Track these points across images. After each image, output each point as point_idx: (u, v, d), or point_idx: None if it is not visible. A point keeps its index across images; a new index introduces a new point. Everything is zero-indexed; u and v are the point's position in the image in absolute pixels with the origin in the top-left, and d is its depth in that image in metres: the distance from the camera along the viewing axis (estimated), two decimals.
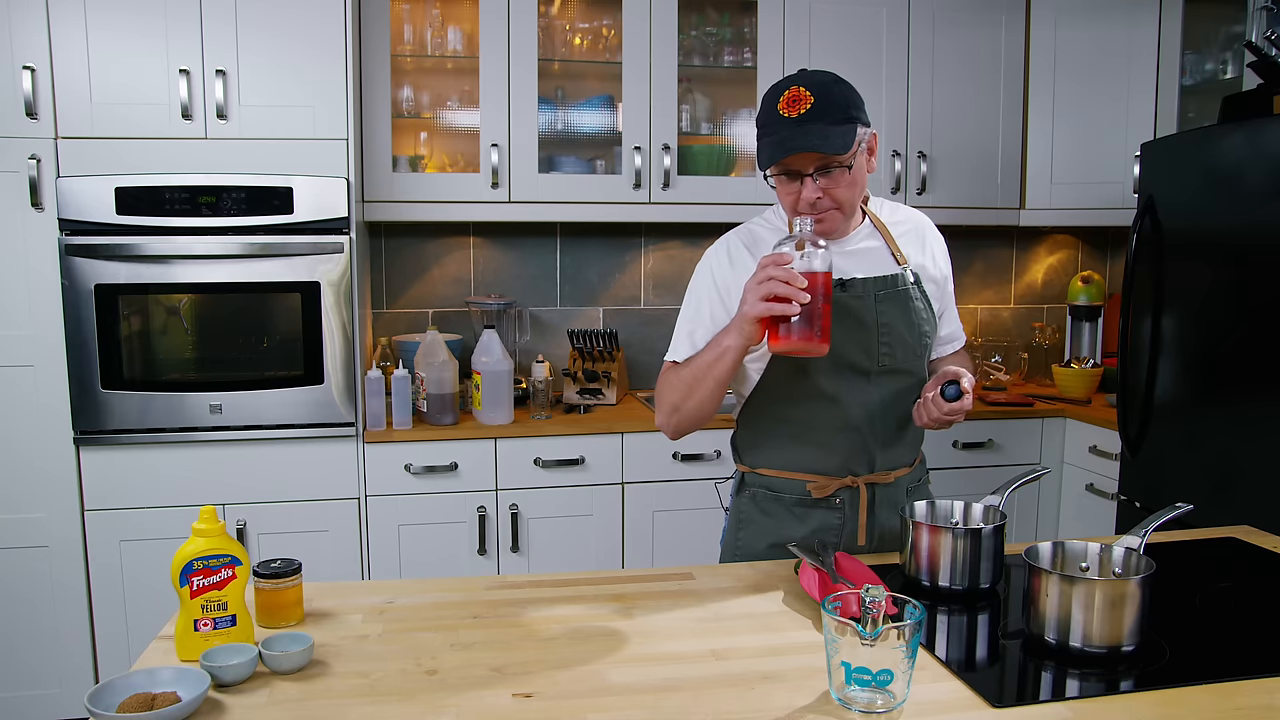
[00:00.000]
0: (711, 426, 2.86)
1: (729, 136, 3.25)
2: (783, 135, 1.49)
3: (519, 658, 1.20)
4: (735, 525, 1.74)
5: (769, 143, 1.51)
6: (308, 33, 2.60)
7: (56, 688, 2.65)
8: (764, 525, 1.69)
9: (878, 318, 1.60)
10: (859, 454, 1.64)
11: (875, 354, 1.61)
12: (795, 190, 1.53)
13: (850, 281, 1.59)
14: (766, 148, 1.51)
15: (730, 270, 1.62)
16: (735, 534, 1.73)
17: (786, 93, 1.50)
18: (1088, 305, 3.51)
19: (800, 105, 1.49)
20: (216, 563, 1.20)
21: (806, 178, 1.51)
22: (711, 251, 1.67)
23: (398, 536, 2.74)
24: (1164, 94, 3.12)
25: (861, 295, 1.59)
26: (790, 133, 1.49)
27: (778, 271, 1.36)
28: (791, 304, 1.36)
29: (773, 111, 1.51)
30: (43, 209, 2.51)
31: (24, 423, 2.56)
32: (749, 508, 1.71)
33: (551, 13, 3.13)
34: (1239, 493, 2.38)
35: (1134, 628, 1.17)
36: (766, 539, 1.68)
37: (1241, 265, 2.39)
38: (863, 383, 1.61)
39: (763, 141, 1.53)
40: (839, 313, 1.55)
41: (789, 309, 1.36)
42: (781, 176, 1.54)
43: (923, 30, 3.18)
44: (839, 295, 1.56)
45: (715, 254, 1.66)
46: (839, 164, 1.51)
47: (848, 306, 1.58)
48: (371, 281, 3.21)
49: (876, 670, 1.02)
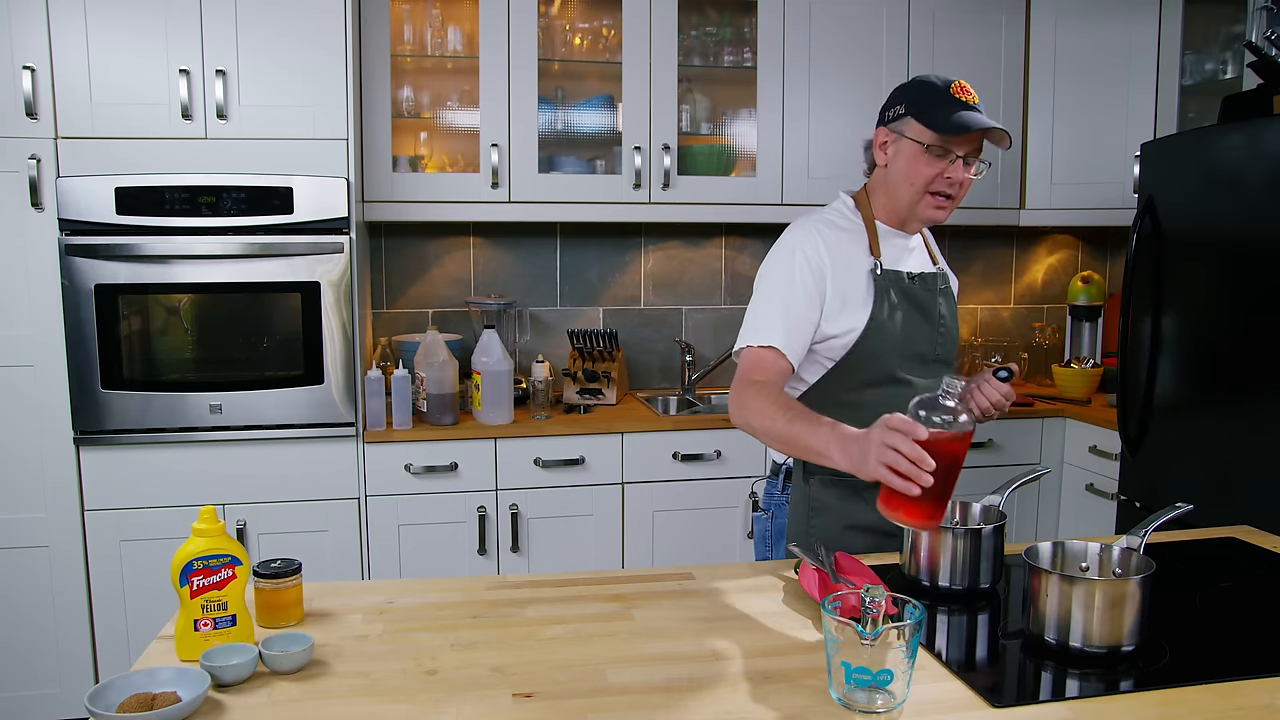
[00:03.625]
0: (711, 426, 2.90)
1: (729, 136, 3.25)
2: (970, 113, 1.57)
3: (519, 658, 1.20)
4: (807, 513, 1.71)
5: (955, 115, 1.56)
6: (308, 33, 2.60)
7: (56, 688, 2.64)
8: (840, 510, 1.70)
9: (938, 310, 1.73)
10: None
11: (934, 342, 1.73)
12: (939, 168, 1.60)
13: (920, 274, 1.71)
14: (949, 116, 1.56)
15: (824, 249, 1.64)
16: (808, 521, 1.71)
17: (955, 83, 1.59)
18: (1088, 305, 3.51)
19: (971, 96, 1.60)
20: (216, 563, 1.20)
21: (960, 159, 1.60)
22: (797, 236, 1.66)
23: (398, 536, 2.74)
24: (1164, 94, 3.12)
25: (930, 288, 1.72)
26: (977, 114, 1.57)
27: (906, 447, 1.21)
28: (915, 485, 1.21)
29: (942, 91, 1.59)
30: (43, 209, 2.51)
31: (24, 423, 2.56)
32: (822, 493, 1.70)
33: (551, 13, 3.13)
34: (1239, 493, 2.38)
35: (1134, 628, 1.17)
36: (842, 522, 1.70)
37: (1241, 265, 2.39)
38: (923, 369, 1.71)
39: (941, 112, 1.57)
40: (912, 303, 1.67)
41: (908, 488, 1.21)
42: (931, 151, 1.60)
43: (923, 30, 3.18)
44: (912, 286, 1.68)
45: (803, 235, 1.65)
46: (982, 159, 1.63)
47: (918, 298, 1.70)
48: (371, 281, 3.21)
49: (876, 670, 1.02)
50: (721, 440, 2.89)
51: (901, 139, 1.63)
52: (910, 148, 1.62)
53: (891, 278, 1.67)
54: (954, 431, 1.22)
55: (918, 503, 1.22)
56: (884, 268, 1.67)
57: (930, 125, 1.58)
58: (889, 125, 1.66)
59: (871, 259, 1.67)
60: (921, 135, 1.60)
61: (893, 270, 1.68)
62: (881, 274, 1.66)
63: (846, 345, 1.65)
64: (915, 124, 1.61)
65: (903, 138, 1.63)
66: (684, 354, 3.43)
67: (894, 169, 1.66)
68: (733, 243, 3.50)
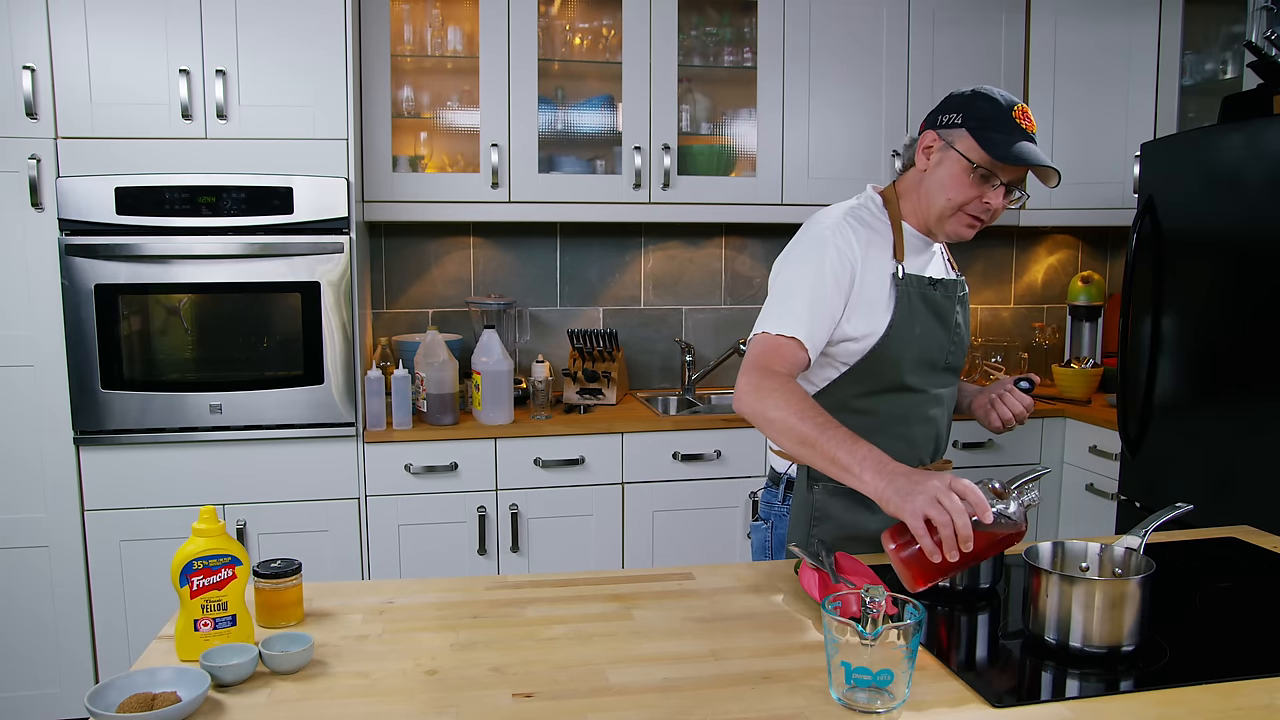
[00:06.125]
0: (711, 426, 2.90)
1: (729, 136, 3.25)
2: (1029, 145, 1.53)
3: (519, 658, 1.20)
4: (808, 521, 1.67)
5: (1014, 145, 1.52)
6: (308, 33, 2.60)
7: (56, 688, 2.64)
8: (841, 519, 1.65)
9: (955, 318, 1.70)
10: (929, 443, 1.70)
11: (947, 350, 1.69)
12: (981, 192, 1.57)
13: (941, 280, 1.67)
14: (1008, 145, 1.52)
15: (855, 245, 1.58)
16: (809, 530, 1.67)
17: (1018, 106, 1.55)
18: (1088, 305, 3.51)
19: (1032, 125, 1.56)
20: (216, 563, 1.20)
21: (1002, 186, 1.57)
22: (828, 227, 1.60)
23: (398, 536, 2.74)
24: (1164, 94, 3.12)
25: (950, 295, 1.68)
26: (1034, 148, 1.54)
27: (960, 517, 1.18)
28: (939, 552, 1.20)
29: (1005, 113, 1.54)
30: (43, 209, 2.51)
31: (24, 423, 2.56)
32: (826, 502, 1.66)
33: (551, 13, 3.13)
34: (1239, 493, 2.38)
35: (1134, 628, 1.17)
36: (845, 531, 1.64)
37: (1241, 265, 2.39)
38: (934, 376, 1.68)
39: (999, 135, 1.52)
40: (931, 309, 1.64)
41: (932, 552, 1.20)
42: (978, 173, 1.55)
43: (923, 30, 3.18)
44: (933, 293, 1.65)
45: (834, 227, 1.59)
46: (1024, 190, 1.61)
47: (938, 305, 1.66)
48: (371, 281, 3.21)
49: (876, 670, 1.02)
50: (721, 440, 2.89)
51: (949, 150, 1.57)
52: (957, 162, 1.56)
53: (914, 283, 1.62)
54: (1008, 531, 1.25)
55: (924, 565, 1.22)
56: (906, 272, 1.62)
57: (985, 147, 1.52)
58: (939, 131, 1.59)
59: (895, 262, 1.61)
60: (972, 153, 1.54)
61: (915, 275, 1.63)
62: (904, 278, 1.61)
63: (863, 350, 1.59)
64: (969, 140, 1.54)
65: (951, 148, 1.57)
66: (684, 354, 3.43)
67: (934, 177, 1.60)
68: (733, 243, 3.50)
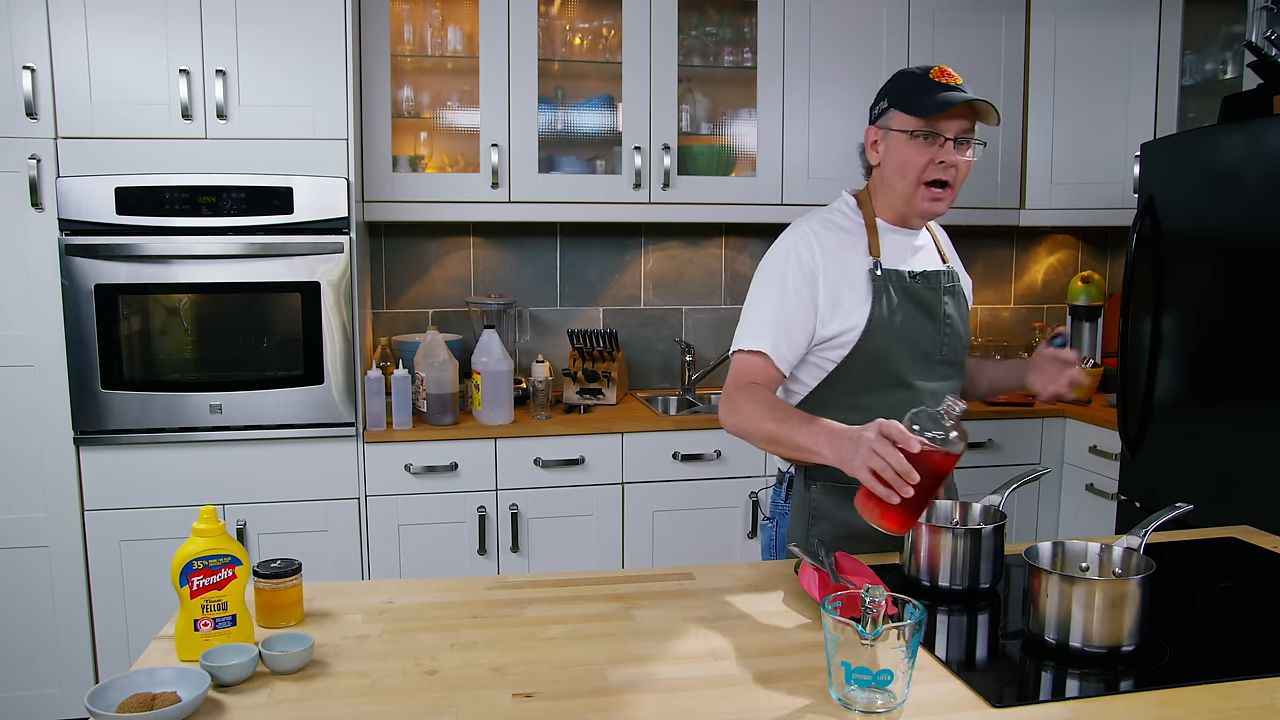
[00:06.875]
0: (711, 426, 2.89)
1: (729, 136, 3.25)
2: (950, 91, 1.56)
3: (519, 658, 1.20)
4: (807, 520, 1.69)
5: (934, 96, 1.56)
6: (308, 33, 2.60)
7: (56, 688, 2.64)
8: (837, 517, 1.66)
9: (943, 309, 1.69)
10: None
11: (939, 344, 1.69)
12: (929, 154, 1.59)
13: (923, 273, 1.68)
14: (930, 98, 1.56)
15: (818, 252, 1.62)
16: (808, 528, 1.68)
17: (935, 68, 1.59)
18: (1088, 305, 3.51)
19: (953, 78, 1.59)
20: (216, 563, 1.20)
21: (949, 141, 1.58)
22: (792, 239, 1.65)
23: (398, 536, 2.74)
24: (1164, 94, 3.12)
25: (934, 287, 1.69)
26: (958, 93, 1.56)
27: (892, 457, 1.25)
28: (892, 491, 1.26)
29: (921, 78, 1.59)
30: (43, 209, 2.51)
31: (24, 423, 2.56)
32: (823, 500, 1.68)
33: (551, 13, 3.13)
34: (1239, 493, 2.38)
35: (1134, 628, 1.17)
36: (843, 530, 1.65)
37: (1241, 265, 2.39)
38: (928, 371, 1.68)
39: (921, 96, 1.57)
40: (914, 302, 1.64)
41: (888, 495, 1.26)
42: (920, 138, 1.58)
43: (923, 30, 3.18)
44: (914, 285, 1.65)
45: (797, 237, 1.65)
46: (975, 140, 1.61)
47: (920, 297, 1.66)
48: (371, 281, 3.21)
49: (876, 670, 1.02)
50: (721, 440, 2.89)
51: (889, 132, 1.63)
52: (898, 139, 1.61)
53: (892, 276, 1.65)
54: (944, 450, 1.27)
55: (893, 509, 1.28)
56: (884, 267, 1.65)
57: (912, 111, 1.58)
58: (876, 123, 1.66)
59: (870, 258, 1.65)
60: (906, 124, 1.59)
61: (894, 269, 1.66)
62: (881, 273, 1.64)
63: (846, 346, 1.62)
64: (899, 114, 1.61)
65: (890, 131, 1.63)
66: (684, 354, 3.43)
67: (887, 164, 1.65)
68: (733, 243, 3.50)
